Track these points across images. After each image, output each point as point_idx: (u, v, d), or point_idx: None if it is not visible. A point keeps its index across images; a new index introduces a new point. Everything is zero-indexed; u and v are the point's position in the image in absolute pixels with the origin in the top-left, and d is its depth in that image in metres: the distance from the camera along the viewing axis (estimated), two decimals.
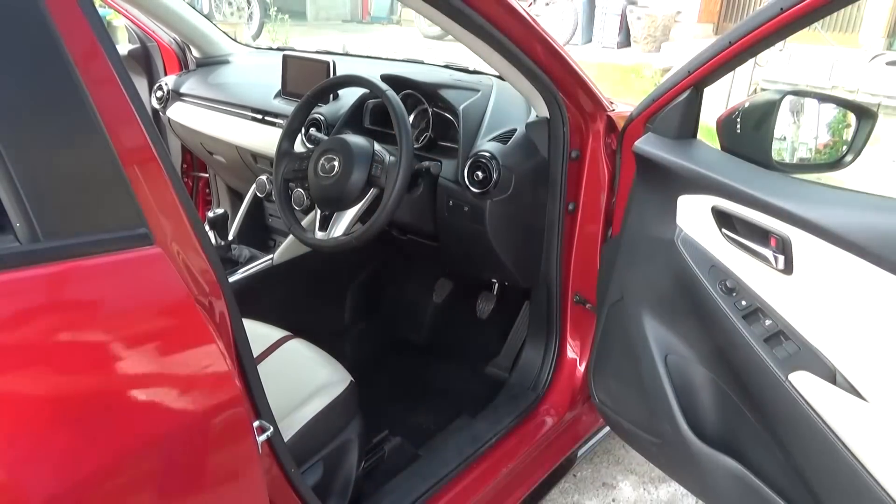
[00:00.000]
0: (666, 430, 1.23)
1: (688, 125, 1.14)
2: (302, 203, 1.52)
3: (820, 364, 0.93)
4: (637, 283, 1.27)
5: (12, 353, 0.56)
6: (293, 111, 1.47)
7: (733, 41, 1.00)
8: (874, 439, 0.89)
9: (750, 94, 5.37)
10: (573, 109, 1.36)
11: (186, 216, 0.70)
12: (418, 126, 1.62)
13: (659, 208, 1.17)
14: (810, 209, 0.90)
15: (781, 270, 0.95)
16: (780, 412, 0.99)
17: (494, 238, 1.44)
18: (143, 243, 0.65)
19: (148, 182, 0.66)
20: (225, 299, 0.75)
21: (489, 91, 1.57)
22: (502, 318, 1.89)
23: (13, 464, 0.55)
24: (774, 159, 1.05)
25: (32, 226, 0.58)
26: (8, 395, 0.56)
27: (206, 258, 0.72)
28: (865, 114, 1.06)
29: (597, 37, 8.19)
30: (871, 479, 0.89)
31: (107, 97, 0.63)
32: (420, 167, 1.48)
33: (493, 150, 1.39)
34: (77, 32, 0.61)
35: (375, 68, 1.76)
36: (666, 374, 1.21)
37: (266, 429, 0.79)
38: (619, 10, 7.84)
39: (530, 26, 1.19)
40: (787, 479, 1.05)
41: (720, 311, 1.05)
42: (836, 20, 6.87)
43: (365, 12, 11.57)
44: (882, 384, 0.87)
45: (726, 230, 1.04)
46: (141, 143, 0.66)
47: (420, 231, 1.61)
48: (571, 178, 1.42)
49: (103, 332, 0.62)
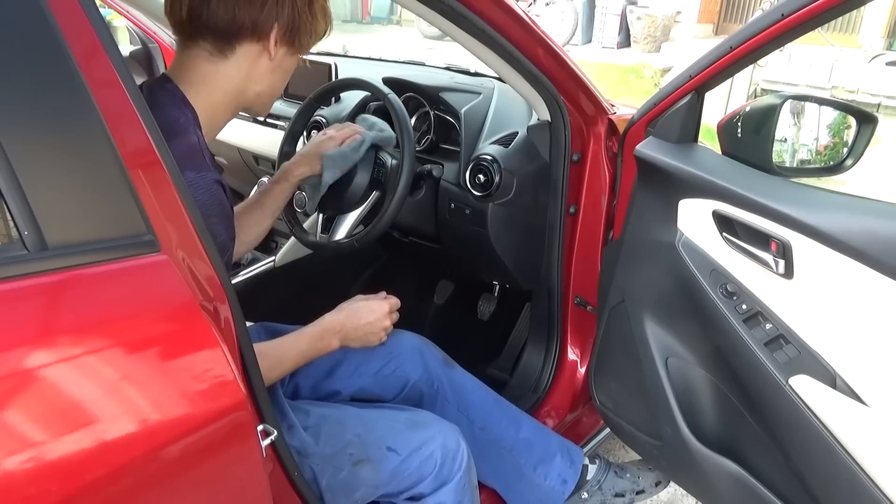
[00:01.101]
0: (666, 433, 1.24)
1: (689, 129, 1.15)
2: (304, 205, 1.53)
3: (820, 368, 0.93)
4: (638, 285, 1.27)
5: (21, 360, 0.57)
6: (295, 113, 1.48)
7: (734, 46, 1.01)
8: (874, 443, 0.89)
9: (750, 94, 5.38)
10: (574, 112, 1.37)
11: (191, 221, 0.70)
12: (420, 129, 1.62)
13: (660, 212, 1.17)
14: (811, 214, 0.91)
15: (782, 275, 0.95)
16: (781, 416, 1.00)
17: (496, 240, 1.45)
18: (150, 250, 0.66)
19: (153, 187, 0.66)
20: (229, 304, 0.75)
21: (490, 94, 1.57)
22: (503, 320, 1.90)
23: (20, 468, 0.55)
24: (775, 162, 1.06)
25: (40, 234, 0.58)
26: (16, 399, 0.56)
27: (210, 264, 0.72)
28: (866, 118, 1.06)
29: (597, 37, 8.20)
30: (871, 482, 0.89)
31: (110, 100, 0.63)
32: (422, 170, 1.48)
33: (494, 154, 1.39)
34: (79, 34, 0.61)
35: (377, 70, 1.76)
36: (666, 376, 1.22)
37: (270, 432, 0.79)
38: (619, 11, 7.84)
39: (531, 29, 1.20)
40: (786, 483, 1.06)
41: (721, 314, 1.05)
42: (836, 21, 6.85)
43: (365, 12, 11.58)
44: (882, 389, 0.87)
45: (727, 234, 1.04)
46: (145, 146, 0.66)
47: (421, 233, 1.62)
48: (573, 181, 1.43)
49: (110, 338, 0.62)
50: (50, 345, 0.59)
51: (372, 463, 1.07)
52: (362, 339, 1.13)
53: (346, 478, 1.05)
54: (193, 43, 0.92)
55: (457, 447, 1.14)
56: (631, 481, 1.46)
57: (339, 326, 1.10)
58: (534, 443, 1.38)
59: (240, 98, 0.96)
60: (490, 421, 1.34)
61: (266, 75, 0.96)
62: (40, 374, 0.57)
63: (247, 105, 0.98)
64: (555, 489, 1.38)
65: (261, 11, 0.90)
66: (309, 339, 1.07)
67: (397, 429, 1.12)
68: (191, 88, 0.92)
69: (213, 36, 0.90)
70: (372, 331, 1.13)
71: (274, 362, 1.01)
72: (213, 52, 0.91)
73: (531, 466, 1.36)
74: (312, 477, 1.04)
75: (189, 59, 0.93)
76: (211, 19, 0.88)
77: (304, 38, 0.96)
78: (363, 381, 1.26)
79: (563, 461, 1.39)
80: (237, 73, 0.93)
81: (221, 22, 0.88)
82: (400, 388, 1.28)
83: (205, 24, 0.89)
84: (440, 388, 1.30)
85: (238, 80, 0.93)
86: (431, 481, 1.11)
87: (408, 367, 1.28)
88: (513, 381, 1.67)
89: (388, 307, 1.16)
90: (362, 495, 1.08)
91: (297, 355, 1.05)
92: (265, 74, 0.95)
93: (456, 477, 1.13)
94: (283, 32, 0.93)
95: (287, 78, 1.01)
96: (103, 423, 0.60)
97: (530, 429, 1.39)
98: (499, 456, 1.34)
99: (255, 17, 0.90)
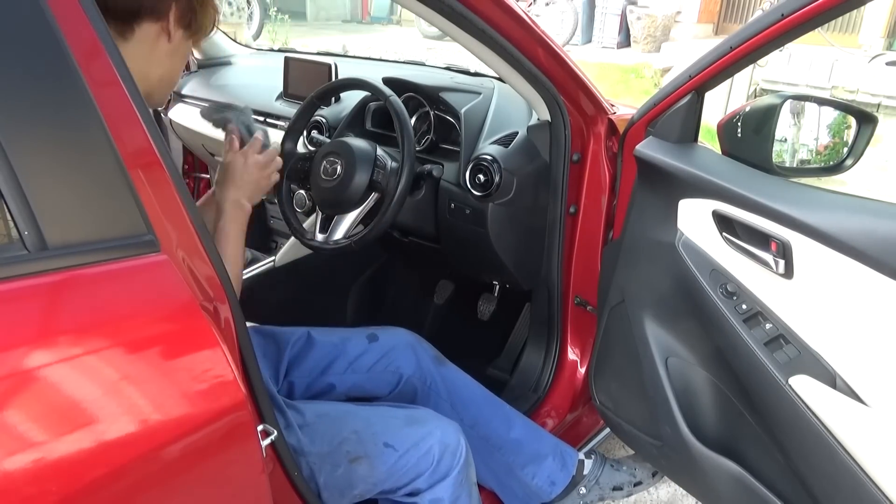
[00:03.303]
0: (666, 433, 1.24)
1: (689, 129, 1.15)
2: (304, 205, 1.53)
3: (820, 368, 0.93)
4: (638, 285, 1.27)
5: (21, 360, 0.57)
6: (295, 113, 1.48)
7: (734, 46, 1.01)
8: (874, 443, 0.89)
9: (750, 94, 5.38)
10: (574, 112, 1.37)
11: (191, 221, 0.70)
12: (420, 129, 1.62)
13: (660, 212, 1.17)
14: (811, 214, 0.91)
15: (782, 275, 0.96)
16: (781, 416, 1.00)
17: (496, 241, 1.45)
18: (150, 250, 0.66)
19: (152, 187, 0.66)
20: (229, 304, 0.75)
21: (490, 94, 1.57)
22: (503, 320, 1.90)
23: (20, 468, 0.55)
24: (775, 162, 1.06)
25: (40, 234, 0.58)
26: (16, 399, 0.56)
27: (210, 264, 0.72)
28: (866, 118, 1.06)
29: (597, 37, 8.19)
30: (871, 483, 0.89)
31: (110, 100, 0.63)
32: (422, 170, 1.48)
33: (494, 154, 1.39)
34: (79, 34, 0.62)
35: (377, 70, 1.77)
36: (666, 376, 1.22)
37: (270, 432, 0.80)
38: (618, 10, 7.84)
39: (531, 29, 1.20)
40: (786, 483, 1.06)
41: (721, 314, 1.05)
42: (836, 21, 6.86)
43: (365, 12, 11.57)
44: (882, 389, 0.87)
45: (727, 234, 1.04)
46: (144, 146, 0.66)
47: (421, 233, 1.62)
48: (573, 181, 1.43)
49: (110, 339, 0.62)
50: (50, 345, 0.59)
51: (369, 459, 1.07)
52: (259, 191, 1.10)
53: (344, 475, 1.06)
54: None
55: (456, 443, 1.14)
56: (628, 473, 1.47)
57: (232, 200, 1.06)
58: (524, 443, 1.38)
59: (143, 83, 0.93)
60: (479, 418, 1.35)
61: (166, 58, 0.97)
62: (40, 374, 0.58)
63: (149, 90, 0.97)
64: (542, 489, 1.39)
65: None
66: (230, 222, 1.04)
67: (395, 425, 1.13)
68: None
69: (114, 18, 0.89)
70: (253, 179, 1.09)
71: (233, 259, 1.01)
72: (115, 35, 0.88)
73: (519, 465, 1.37)
74: (310, 475, 1.04)
75: None
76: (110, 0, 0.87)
77: (199, 21, 0.99)
78: (357, 377, 1.27)
79: (555, 463, 1.40)
80: (139, 57, 0.93)
81: (121, 2, 0.89)
82: (394, 383, 1.29)
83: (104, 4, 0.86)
84: (432, 384, 1.31)
85: (140, 62, 0.92)
86: (428, 477, 1.11)
87: (401, 362, 1.29)
88: (513, 381, 1.67)
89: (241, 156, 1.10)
90: (360, 492, 1.08)
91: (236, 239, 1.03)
92: (165, 58, 0.97)
93: (453, 472, 1.13)
94: (181, 14, 0.95)
95: (184, 64, 1.03)
96: (103, 423, 0.60)
97: (522, 428, 1.40)
98: (488, 453, 1.35)
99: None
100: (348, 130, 1.65)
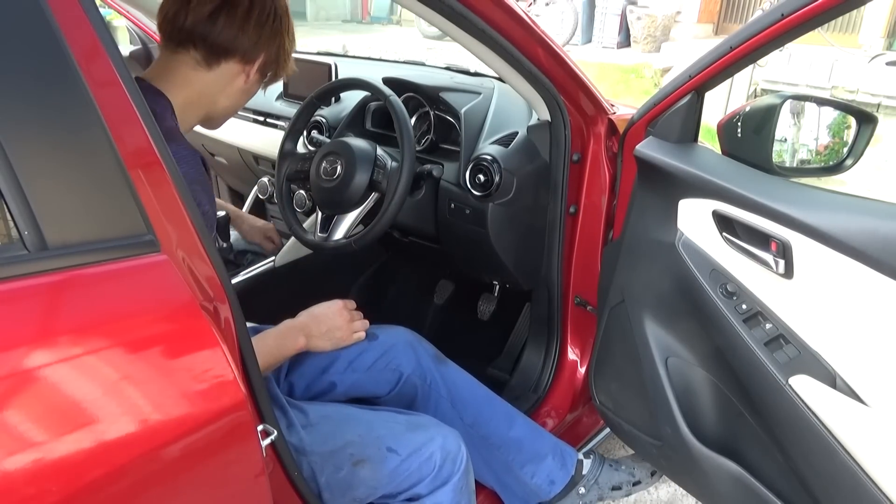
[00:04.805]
0: (666, 433, 1.24)
1: (689, 129, 1.15)
2: (304, 205, 1.53)
3: (820, 368, 0.93)
4: (638, 285, 1.27)
5: (21, 360, 0.57)
6: (295, 113, 1.48)
7: (734, 46, 1.01)
8: (874, 443, 0.90)
9: (750, 94, 5.38)
10: (574, 112, 1.37)
11: (191, 221, 0.70)
12: (420, 129, 1.62)
13: (660, 212, 1.17)
14: (811, 214, 0.91)
15: (782, 275, 0.96)
16: (781, 415, 1.00)
17: (496, 240, 1.45)
18: (150, 250, 0.66)
19: (153, 187, 0.66)
20: (229, 304, 0.75)
21: (490, 94, 1.57)
22: (503, 320, 1.90)
23: (20, 468, 0.55)
24: (775, 162, 1.06)
25: (40, 234, 0.58)
26: (16, 399, 0.56)
27: (210, 264, 0.72)
28: (866, 118, 1.06)
29: (597, 37, 8.19)
30: (871, 482, 0.90)
31: (110, 100, 0.63)
32: (422, 170, 1.48)
33: (494, 154, 1.39)
34: (79, 34, 0.61)
35: (377, 70, 1.76)
36: (666, 376, 1.22)
37: (270, 432, 0.79)
38: (619, 10, 7.84)
39: (531, 29, 1.20)
40: (786, 483, 1.06)
41: (721, 314, 1.05)
42: (836, 21, 6.86)
43: (365, 12, 11.58)
44: (882, 389, 0.87)
45: (727, 234, 1.04)
46: (145, 146, 0.66)
47: (421, 233, 1.62)
48: (573, 181, 1.43)
49: (110, 339, 0.62)
50: (50, 345, 0.59)
51: (372, 463, 1.07)
52: (331, 339, 1.18)
53: (346, 477, 1.06)
54: (184, 50, 0.99)
55: (457, 450, 1.15)
56: (627, 473, 1.48)
57: (301, 325, 1.15)
58: (524, 442, 1.39)
59: (210, 107, 1.05)
60: (480, 417, 1.35)
61: (237, 93, 1.05)
62: (40, 374, 0.58)
63: (211, 114, 1.06)
64: (541, 488, 1.39)
65: (256, 41, 1.01)
66: (273, 336, 1.11)
67: (397, 430, 1.13)
68: (172, 88, 0.98)
69: (207, 50, 0.98)
70: (336, 325, 1.18)
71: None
72: (201, 62, 0.99)
73: (519, 464, 1.37)
74: (311, 474, 1.04)
75: (175, 63, 0.99)
76: (211, 36, 0.97)
77: (276, 73, 1.08)
78: (357, 376, 1.27)
79: (555, 462, 1.40)
80: (215, 85, 1.02)
81: (221, 41, 0.98)
82: (394, 382, 1.29)
83: (203, 38, 0.97)
84: (433, 382, 1.31)
85: (214, 90, 1.02)
86: (429, 482, 1.11)
87: (401, 360, 1.30)
88: (513, 380, 1.67)
89: (341, 304, 1.21)
90: (361, 495, 1.08)
91: (264, 352, 1.05)
92: (236, 93, 1.05)
93: (454, 479, 1.13)
94: (265, 63, 1.04)
95: (248, 101, 1.11)
96: (103, 423, 0.60)
97: (523, 428, 1.40)
98: (488, 451, 1.35)
99: (250, 45, 1.00)
100: (348, 130, 1.66)
